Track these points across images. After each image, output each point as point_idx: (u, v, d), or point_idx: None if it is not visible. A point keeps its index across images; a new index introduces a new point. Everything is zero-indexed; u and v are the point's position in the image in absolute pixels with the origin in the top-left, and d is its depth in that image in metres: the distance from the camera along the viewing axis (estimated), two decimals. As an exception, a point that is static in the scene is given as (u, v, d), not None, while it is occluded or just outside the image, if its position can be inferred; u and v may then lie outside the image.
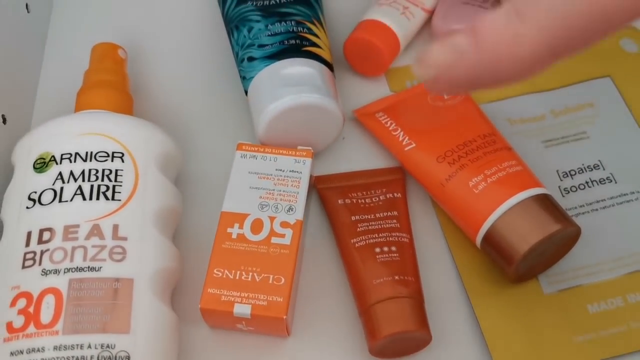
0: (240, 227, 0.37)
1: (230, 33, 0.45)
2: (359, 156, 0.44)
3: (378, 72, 0.45)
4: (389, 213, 0.40)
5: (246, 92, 0.42)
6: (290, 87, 0.39)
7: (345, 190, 0.41)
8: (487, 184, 0.38)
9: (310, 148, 0.40)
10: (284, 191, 0.38)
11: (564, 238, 0.37)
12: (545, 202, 0.37)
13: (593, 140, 0.43)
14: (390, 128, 0.42)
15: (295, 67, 0.40)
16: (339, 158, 0.43)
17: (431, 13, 0.47)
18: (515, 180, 0.38)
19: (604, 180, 0.42)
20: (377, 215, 0.39)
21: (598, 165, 0.42)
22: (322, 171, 0.43)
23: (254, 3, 0.45)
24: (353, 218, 0.39)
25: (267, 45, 0.42)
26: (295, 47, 0.41)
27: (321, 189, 0.41)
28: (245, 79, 0.42)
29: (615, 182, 0.42)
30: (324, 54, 0.42)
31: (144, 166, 0.37)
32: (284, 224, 0.37)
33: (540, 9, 0.26)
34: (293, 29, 0.42)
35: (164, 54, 0.48)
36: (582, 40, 0.28)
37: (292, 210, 0.38)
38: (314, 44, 0.42)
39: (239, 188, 0.38)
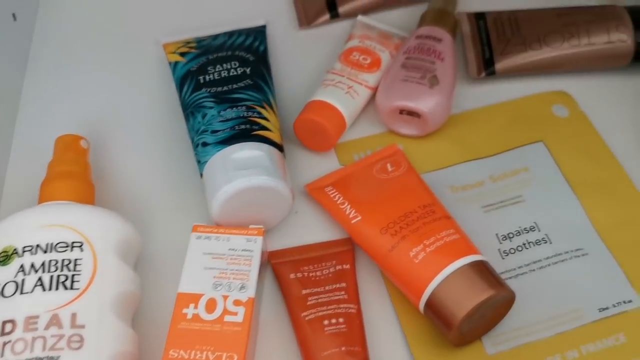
0: (195, 307, 0.38)
1: (186, 119, 0.47)
2: (312, 229, 0.45)
3: (326, 148, 0.47)
4: (338, 285, 0.41)
5: (202, 176, 0.44)
6: (240, 170, 0.41)
7: (297, 264, 0.42)
8: (426, 253, 0.39)
9: (261, 226, 0.41)
10: (236, 270, 0.39)
11: (499, 302, 0.38)
12: (481, 268, 0.39)
13: (528, 203, 0.45)
14: (338, 202, 0.44)
15: (245, 151, 0.42)
16: (292, 231, 0.45)
17: (375, 90, 0.50)
18: (453, 248, 0.39)
19: (540, 241, 0.43)
20: (327, 287, 0.41)
21: (534, 227, 0.44)
22: (276, 245, 0.44)
23: (208, 90, 0.47)
24: (304, 292, 0.41)
25: (219, 130, 0.44)
26: (245, 131, 0.43)
27: (275, 264, 0.43)
28: (200, 163, 0.44)
29: (550, 243, 0.43)
30: (273, 136, 0.44)
31: (102, 254, 0.38)
32: (237, 302, 0.38)
33: None
34: (244, 114, 0.44)
35: (126, 140, 0.49)
36: None
37: (244, 289, 0.39)
38: (263, 127, 0.44)
39: (195, 269, 0.39)
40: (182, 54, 0.50)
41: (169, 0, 0.57)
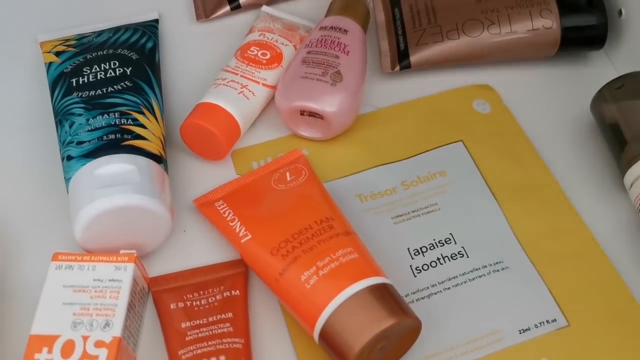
0: (50, 351, 0.32)
1: (56, 128, 0.41)
2: (201, 249, 0.39)
3: (219, 156, 0.42)
4: (223, 315, 0.35)
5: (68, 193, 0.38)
6: (104, 188, 0.35)
7: (180, 291, 0.37)
8: (318, 277, 0.34)
9: (133, 251, 0.35)
10: (100, 304, 0.34)
11: (403, 330, 0.33)
12: (382, 293, 0.34)
13: (444, 212, 0.40)
14: (228, 218, 0.39)
15: (112, 165, 0.36)
16: (179, 253, 0.39)
17: (275, 88, 0.45)
18: (349, 270, 0.34)
19: (455, 255, 0.38)
20: (210, 319, 0.35)
21: (449, 239, 0.39)
22: (160, 270, 0.38)
23: (80, 94, 0.41)
24: (184, 325, 0.35)
25: (85, 142, 0.38)
26: (114, 142, 0.37)
27: (155, 292, 0.37)
28: (66, 180, 0.38)
29: (467, 257, 0.38)
30: (150, 146, 0.38)
31: None
32: (99, 344, 0.32)
33: None
34: (115, 122, 0.39)
35: None
36: None
37: (108, 327, 0.33)
38: (138, 136, 0.38)
39: (52, 305, 0.34)
40: (58, 54, 0.44)
41: (53, -7, 0.51)
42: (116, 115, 0.39)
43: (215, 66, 0.46)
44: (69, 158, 0.38)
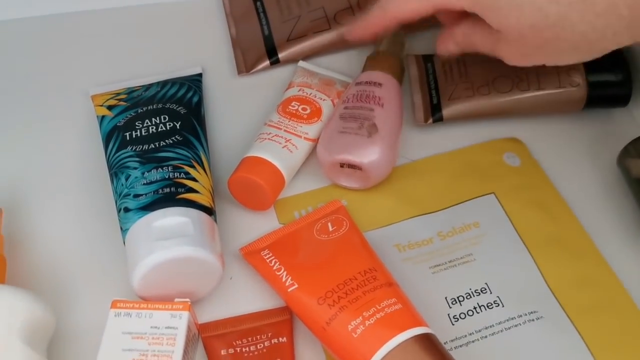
0: (111, 396, 0.34)
1: (111, 180, 0.43)
2: (248, 296, 0.41)
3: (264, 207, 0.44)
4: (272, 362, 0.37)
5: (125, 244, 0.40)
6: (161, 240, 0.37)
7: (229, 337, 0.39)
8: (365, 327, 0.36)
9: (187, 300, 0.37)
10: (158, 351, 0.35)
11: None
12: (426, 343, 0.35)
13: (479, 263, 0.42)
14: (274, 267, 0.41)
15: (168, 218, 0.38)
16: (226, 300, 0.41)
17: (316, 141, 0.46)
18: (394, 320, 0.36)
19: (491, 304, 0.40)
20: (260, 365, 0.37)
21: (485, 289, 0.41)
22: (208, 316, 0.40)
23: (134, 148, 0.43)
24: (235, 371, 0.37)
25: (142, 195, 0.40)
26: (169, 195, 0.40)
27: (205, 338, 0.39)
28: (122, 230, 0.40)
29: (503, 306, 0.40)
30: (201, 198, 0.41)
31: (4, 339, 0.34)
32: (157, 388, 0.35)
33: None
34: (169, 175, 0.41)
35: (46, 205, 0.45)
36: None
37: (166, 372, 0.35)
38: (190, 189, 0.41)
39: (112, 351, 0.35)
40: (110, 107, 0.47)
41: (102, 47, 0.54)
42: (169, 169, 0.41)
43: (256, 118, 0.49)
44: (126, 210, 0.40)
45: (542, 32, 0.38)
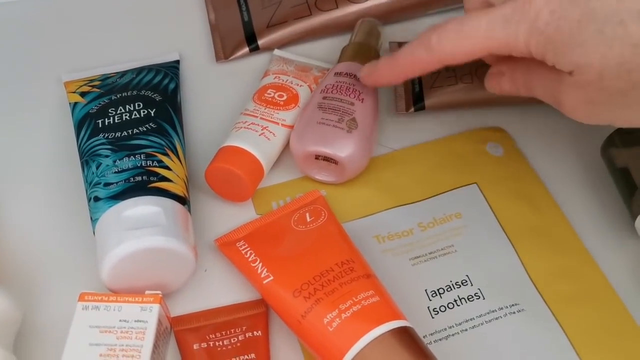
0: (77, 391, 0.33)
1: (82, 169, 0.42)
2: (223, 289, 0.40)
3: (243, 198, 0.42)
4: (246, 356, 0.36)
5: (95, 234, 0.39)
6: (132, 230, 0.36)
7: (203, 331, 0.37)
8: (341, 320, 0.34)
9: (159, 292, 0.36)
10: (127, 345, 0.34)
11: (423, 374, 0.34)
12: (404, 336, 0.34)
13: (460, 254, 0.41)
14: (250, 259, 0.39)
15: (139, 207, 0.37)
16: (200, 293, 0.40)
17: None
18: (372, 313, 0.35)
19: (472, 297, 0.39)
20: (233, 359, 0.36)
21: (466, 281, 0.40)
22: (181, 309, 0.39)
23: (105, 135, 0.42)
24: (207, 365, 0.36)
25: (113, 183, 0.39)
26: (141, 184, 0.38)
27: (178, 332, 0.37)
28: (92, 220, 0.39)
29: (484, 298, 0.39)
30: (174, 187, 0.39)
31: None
32: (125, 384, 0.33)
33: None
34: (141, 164, 0.39)
35: (14, 194, 0.43)
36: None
37: (134, 367, 0.34)
38: (164, 178, 0.39)
39: (78, 346, 0.34)
40: (83, 94, 0.46)
41: (76, 32, 0.52)
42: (142, 157, 0.40)
43: (234, 106, 0.47)
44: (96, 199, 0.39)
45: (632, 73, 0.32)
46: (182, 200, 0.39)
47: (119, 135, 0.41)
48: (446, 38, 0.35)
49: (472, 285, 0.40)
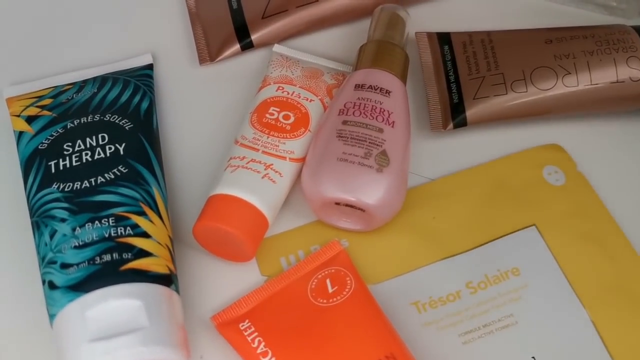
0: None
1: (32, 231, 0.32)
2: (222, 381, 0.32)
3: (244, 259, 0.33)
4: None
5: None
6: (99, 341, 0.27)
7: None
8: None
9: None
10: None
11: None
12: None
13: (522, 327, 0.32)
14: (259, 350, 0.30)
15: (110, 303, 0.27)
16: (195, 387, 0.32)
17: (304, 160, 0.35)
18: None
19: (542, 386, 0.32)
20: None
21: (532, 364, 0.32)
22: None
23: (61, 187, 0.32)
24: None
25: (72, 266, 0.29)
26: (110, 266, 0.29)
27: None
28: (49, 315, 0.29)
29: (555, 387, 0.32)
30: (156, 264, 0.30)
31: None
32: None
33: None
34: (110, 233, 0.30)
35: None
36: None
37: None
38: (141, 253, 0.30)
39: None
40: (30, 119, 0.35)
41: (22, 29, 0.41)
42: (110, 221, 0.30)
43: (225, 125, 0.38)
44: (52, 286, 0.29)
45: None
46: (167, 280, 0.30)
47: (79, 186, 0.31)
48: None
49: (540, 369, 0.32)
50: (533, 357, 0.31)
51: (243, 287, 0.33)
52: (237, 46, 0.40)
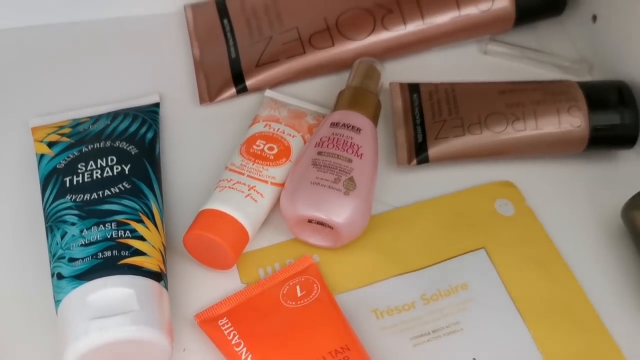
0: None
1: (46, 234, 0.38)
2: (202, 371, 0.37)
3: (225, 267, 0.38)
4: None
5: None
6: (97, 319, 0.32)
7: None
8: None
9: (128, 387, 0.32)
10: None
11: None
12: None
13: (467, 333, 0.37)
14: (233, 341, 0.35)
15: (107, 290, 0.32)
16: (178, 376, 0.37)
17: (283, 186, 0.41)
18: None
19: (481, 385, 0.36)
20: None
21: (473, 366, 0.37)
22: (157, 396, 0.36)
23: (73, 197, 0.37)
24: None
25: (78, 259, 0.34)
26: (110, 260, 0.34)
27: None
28: (55, 301, 0.35)
29: (493, 386, 0.36)
30: (149, 262, 0.35)
31: None
32: None
33: None
34: (112, 235, 0.35)
35: None
36: None
37: None
38: (137, 252, 0.35)
39: None
40: (51, 144, 0.41)
41: (47, 69, 0.47)
42: (113, 226, 0.35)
43: (218, 155, 0.43)
44: (60, 277, 0.34)
45: None
46: (158, 277, 0.35)
47: (88, 197, 0.37)
48: None
49: (480, 370, 0.36)
50: (474, 358, 0.36)
51: (224, 291, 0.38)
52: (234, 90, 0.46)
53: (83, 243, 0.35)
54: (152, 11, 0.50)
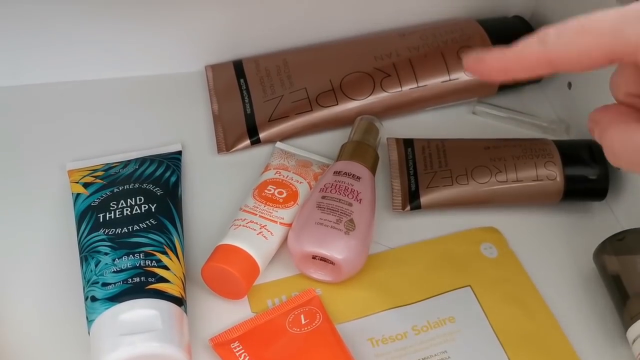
0: None
1: (81, 264, 0.42)
2: (216, 389, 0.41)
3: (238, 296, 0.43)
4: None
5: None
6: (126, 335, 0.36)
7: None
8: None
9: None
10: None
11: None
12: None
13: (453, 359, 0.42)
14: (244, 362, 0.40)
15: (136, 311, 0.37)
16: (193, 393, 0.40)
17: (291, 226, 0.46)
18: None
19: (464, 407, 0.39)
20: None
21: (459, 390, 0.40)
22: (174, 411, 0.39)
23: (106, 231, 0.42)
24: None
25: (111, 284, 0.39)
26: (139, 285, 0.38)
27: None
28: (88, 321, 0.39)
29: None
30: (172, 289, 0.40)
31: None
32: None
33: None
34: (140, 263, 0.40)
35: (8, 291, 0.43)
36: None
37: None
38: (162, 279, 0.40)
39: None
40: (86, 185, 0.46)
41: (81, 120, 0.53)
42: (141, 256, 0.40)
43: (234, 198, 0.48)
44: (93, 299, 0.39)
45: None
46: (179, 302, 0.39)
47: (119, 231, 0.42)
48: (564, 31, 0.29)
49: (464, 394, 0.40)
50: (460, 383, 0.40)
51: (236, 318, 0.42)
52: (248, 141, 0.51)
53: (115, 270, 0.39)
54: (176, 70, 0.56)
